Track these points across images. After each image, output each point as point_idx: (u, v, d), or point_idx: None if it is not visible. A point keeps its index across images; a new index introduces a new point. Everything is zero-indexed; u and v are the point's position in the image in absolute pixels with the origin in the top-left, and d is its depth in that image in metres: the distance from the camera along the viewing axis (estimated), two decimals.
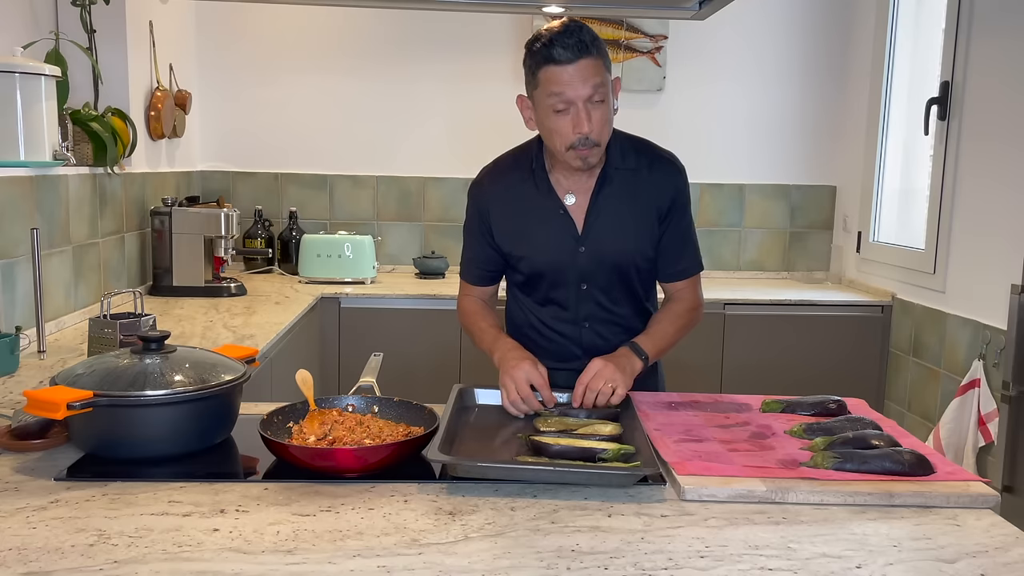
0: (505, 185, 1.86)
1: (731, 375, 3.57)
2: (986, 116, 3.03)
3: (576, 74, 1.64)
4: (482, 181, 1.91)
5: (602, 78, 1.67)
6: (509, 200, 1.85)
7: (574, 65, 1.63)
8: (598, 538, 1.16)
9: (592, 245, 1.81)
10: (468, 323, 1.94)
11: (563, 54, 1.63)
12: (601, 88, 1.66)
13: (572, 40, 1.63)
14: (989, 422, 2.82)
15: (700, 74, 4.05)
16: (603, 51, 1.68)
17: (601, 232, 1.81)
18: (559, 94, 1.66)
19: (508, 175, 1.87)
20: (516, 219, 1.85)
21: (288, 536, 1.14)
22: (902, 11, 3.66)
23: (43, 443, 1.45)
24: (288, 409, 1.53)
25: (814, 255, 4.20)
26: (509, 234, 1.86)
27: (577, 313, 1.88)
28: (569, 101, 1.66)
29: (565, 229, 1.82)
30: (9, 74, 2.08)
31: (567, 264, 1.83)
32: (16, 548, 1.09)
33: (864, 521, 1.24)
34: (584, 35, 1.65)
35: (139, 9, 3.20)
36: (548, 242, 1.83)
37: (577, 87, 1.65)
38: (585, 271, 1.83)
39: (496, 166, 1.92)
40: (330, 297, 3.48)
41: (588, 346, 1.88)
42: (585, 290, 1.85)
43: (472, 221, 1.92)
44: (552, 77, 1.66)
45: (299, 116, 4.01)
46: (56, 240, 2.57)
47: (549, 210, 1.82)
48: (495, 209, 1.86)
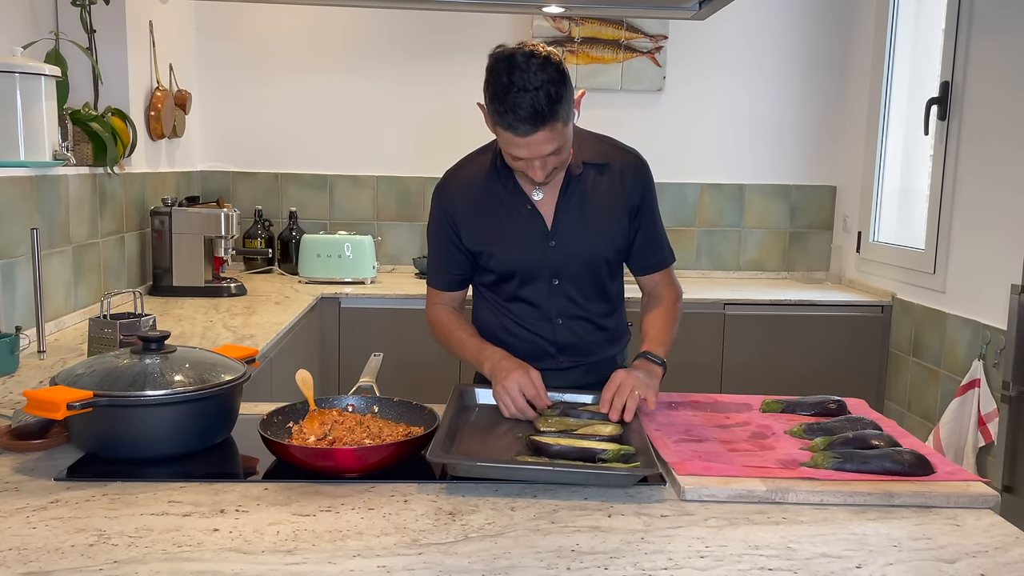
0: (470, 185, 1.84)
1: (731, 375, 3.57)
2: (986, 116, 3.03)
3: (532, 143, 1.60)
4: (446, 183, 1.88)
5: (559, 140, 1.62)
6: (476, 200, 1.83)
7: (530, 137, 1.59)
8: (598, 538, 1.16)
9: (562, 240, 1.81)
10: (443, 333, 1.90)
11: (519, 127, 1.58)
12: (559, 146, 1.63)
13: (527, 113, 1.55)
14: (989, 422, 2.82)
15: (700, 74, 4.05)
16: (563, 106, 1.58)
17: (571, 227, 1.80)
18: (515, 154, 1.64)
19: (473, 175, 1.85)
20: (484, 218, 1.83)
21: (288, 536, 1.14)
22: (902, 11, 3.66)
23: (43, 443, 1.45)
24: (288, 409, 1.53)
25: (814, 255, 4.20)
26: (477, 233, 1.83)
27: (550, 310, 1.86)
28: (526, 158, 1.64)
29: (534, 225, 1.81)
30: (9, 74, 2.08)
31: (538, 260, 1.82)
32: (16, 548, 1.09)
33: (864, 521, 1.24)
34: (540, 103, 1.54)
35: (139, 9, 3.20)
36: (518, 239, 1.81)
37: (533, 151, 1.62)
38: (557, 266, 1.83)
39: (460, 167, 1.89)
40: (330, 297, 3.48)
41: (562, 343, 1.87)
42: (557, 285, 1.84)
43: (437, 224, 1.88)
44: (507, 139, 1.62)
45: (299, 116, 4.01)
46: (56, 240, 2.57)
47: (517, 207, 1.81)
48: (462, 210, 1.84)
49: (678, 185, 4.09)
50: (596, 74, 3.94)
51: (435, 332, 1.93)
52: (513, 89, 1.55)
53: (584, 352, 1.89)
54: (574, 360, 1.89)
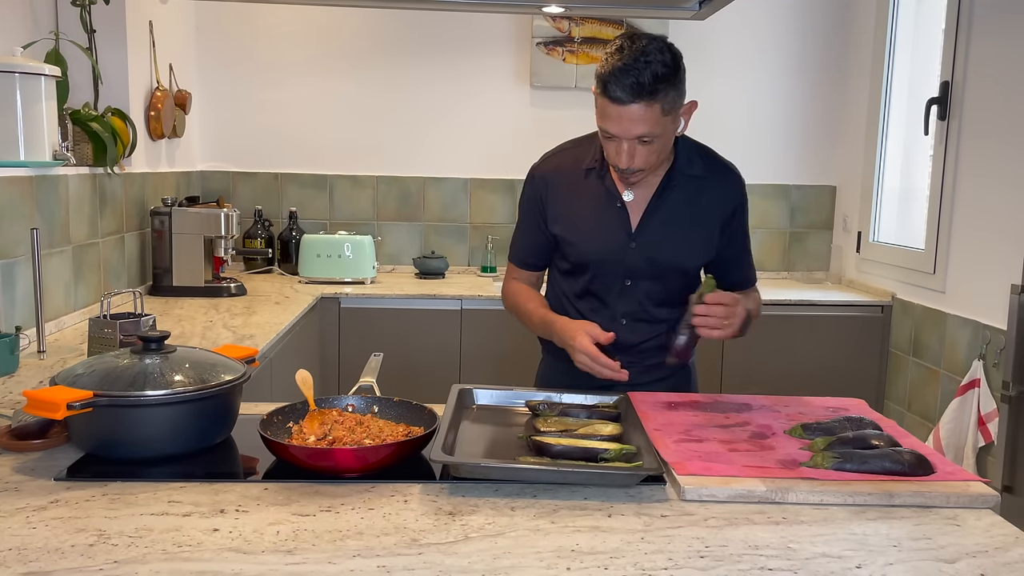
0: (565, 170, 1.85)
1: (731, 375, 3.57)
2: (986, 116, 3.03)
3: (625, 115, 1.61)
4: (542, 165, 1.90)
5: (653, 125, 1.62)
6: (567, 185, 1.84)
7: (625, 107, 1.60)
8: (598, 538, 1.16)
9: (644, 243, 1.81)
10: (514, 303, 1.95)
11: (615, 92, 1.59)
12: (651, 132, 1.63)
13: (629, 80, 1.58)
14: (989, 422, 2.82)
15: (700, 74, 4.02)
16: (666, 90, 1.60)
17: (656, 231, 1.80)
18: (606, 127, 1.66)
19: (570, 161, 1.86)
20: (571, 205, 1.84)
21: (288, 536, 1.14)
22: (902, 11, 3.66)
23: (43, 443, 1.45)
24: (288, 409, 1.53)
25: (814, 255, 4.20)
26: (562, 220, 1.85)
27: (616, 309, 1.86)
28: (616, 135, 1.65)
29: (619, 223, 1.81)
30: (9, 74, 2.08)
31: (616, 258, 1.82)
32: (16, 548, 1.09)
33: (864, 521, 1.24)
34: (644, 76, 1.57)
35: (139, 9, 3.20)
36: (600, 233, 1.82)
37: (624, 127, 1.63)
38: (633, 268, 1.83)
39: (559, 151, 1.91)
40: (330, 297, 3.48)
41: (620, 344, 1.82)
42: (629, 287, 1.85)
43: (527, 203, 1.91)
44: (603, 109, 1.64)
45: (299, 116, 4.01)
46: (56, 240, 2.57)
47: (606, 201, 1.81)
48: (552, 191, 1.85)
49: None
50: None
51: (507, 302, 1.97)
52: (624, 57, 1.58)
53: (640, 352, 1.87)
54: (630, 360, 1.82)
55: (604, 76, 1.61)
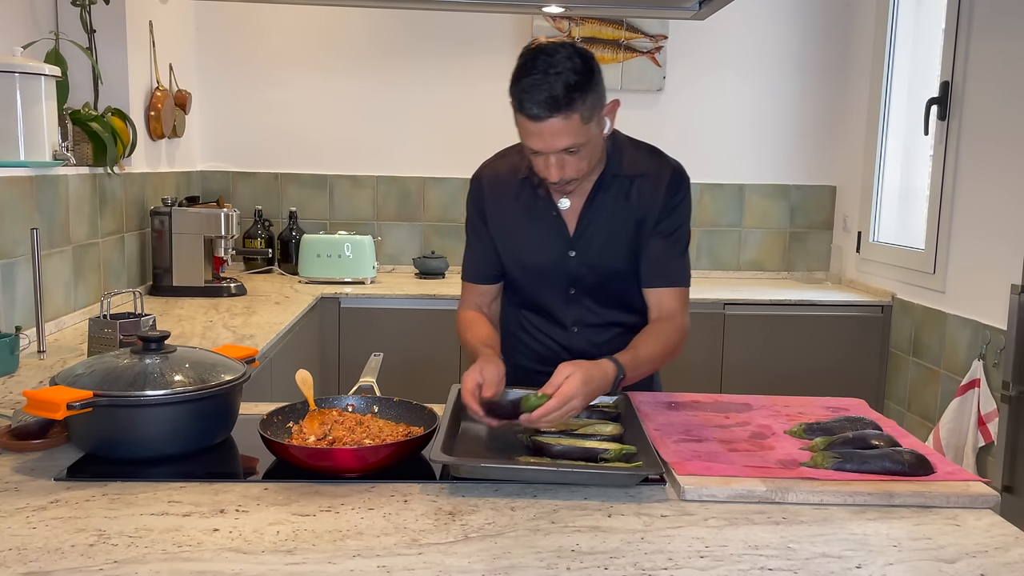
0: (501, 180, 1.82)
1: (731, 375, 3.57)
2: (986, 116, 3.03)
3: (545, 131, 1.55)
4: (480, 173, 1.87)
5: (576, 135, 1.56)
6: (504, 196, 1.81)
7: (543, 123, 1.54)
8: (598, 538, 1.16)
9: (583, 251, 1.76)
10: (461, 337, 1.83)
11: (531, 110, 1.53)
12: (575, 143, 1.57)
13: (542, 95, 1.51)
14: (989, 422, 2.82)
15: (700, 74, 4.05)
16: (582, 98, 1.53)
17: (593, 238, 1.76)
18: (529, 144, 1.60)
19: (505, 171, 1.82)
20: (509, 216, 1.80)
21: (288, 536, 1.14)
22: (902, 11, 3.66)
23: (43, 443, 1.45)
24: (288, 409, 1.53)
25: (814, 255, 4.20)
26: (500, 230, 1.82)
27: (565, 318, 1.83)
28: (540, 151, 1.59)
29: (557, 232, 1.77)
30: (9, 74, 2.08)
31: (556, 268, 1.78)
32: (16, 548, 1.09)
33: (864, 521, 1.24)
34: (557, 88, 1.51)
35: (139, 9, 3.20)
36: (538, 244, 1.78)
37: (547, 142, 1.57)
38: (575, 276, 1.79)
39: (496, 159, 1.87)
40: (330, 297, 3.48)
41: (577, 350, 1.83)
42: (574, 295, 1.81)
43: (470, 214, 1.88)
44: (522, 126, 1.59)
45: (299, 116, 4.01)
46: (56, 240, 2.57)
47: (542, 211, 1.77)
48: (490, 203, 1.82)
49: None
50: None
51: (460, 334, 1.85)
52: (533, 72, 1.53)
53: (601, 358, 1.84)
54: None
55: (517, 94, 1.55)
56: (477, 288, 1.90)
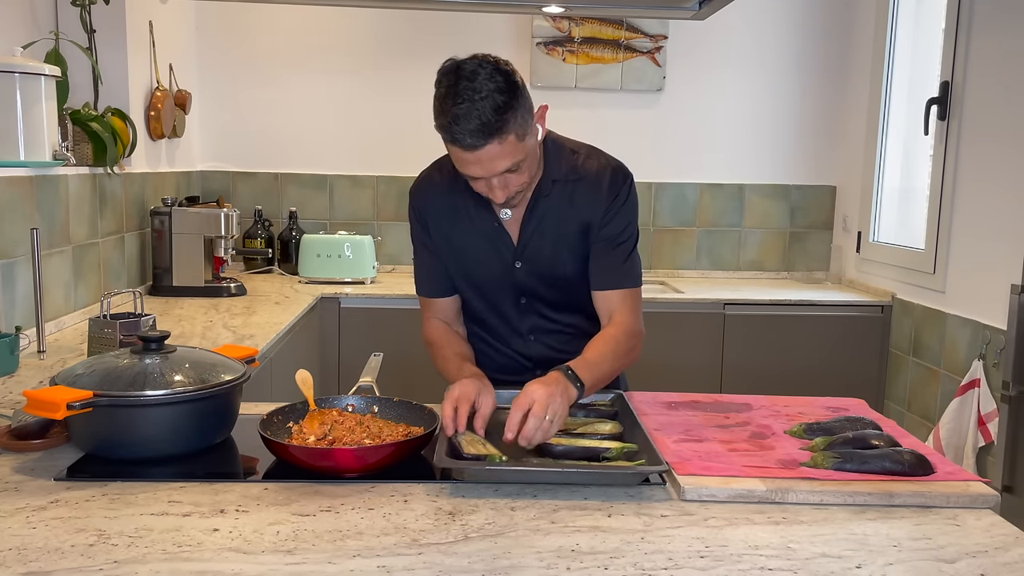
0: (441, 194, 1.75)
1: (731, 375, 3.57)
2: (986, 116, 3.03)
3: (483, 158, 1.50)
4: (418, 186, 1.80)
5: (513, 154, 1.51)
6: (445, 208, 1.75)
7: (480, 151, 1.49)
8: (598, 538, 1.16)
9: (529, 260, 1.72)
10: (432, 356, 1.79)
11: (465, 140, 1.47)
12: (515, 162, 1.53)
13: (472, 125, 1.45)
14: (989, 422, 2.82)
15: (700, 74, 4.05)
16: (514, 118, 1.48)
17: (538, 246, 1.71)
18: (470, 173, 1.55)
19: (444, 182, 1.75)
20: (451, 230, 1.75)
21: (288, 536, 1.14)
22: (902, 11, 3.66)
23: (43, 443, 1.45)
24: (288, 409, 1.53)
25: (814, 255, 4.19)
26: (444, 244, 1.77)
27: (520, 326, 1.80)
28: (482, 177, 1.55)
29: (501, 244, 1.72)
30: (9, 74, 2.08)
31: (504, 279, 1.75)
32: (16, 548, 1.09)
33: (864, 521, 1.24)
34: (487, 114, 1.44)
35: (139, 9, 3.20)
36: (483, 257, 1.74)
37: (487, 168, 1.52)
38: (523, 286, 1.75)
39: (432, 172, 1.80)
40: (330, 297, 3.48)
41: (537, 358, 1.81)
42: (525, 304, 1.78)
43: (414, 228, 1.81)
44: (458, 156, 1.53)
45: (299, 116, 4.01)
46: (56, 240, 2.57)
47: (484, 223, 1.72)
48: (432, 218, 1.77)
49: (678, 185, 4.09)
50: (596, 74, 3.94)
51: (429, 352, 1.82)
52: (457, 100, 1.45)
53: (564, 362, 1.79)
54: None
55: (447, 127, 1.48)
56: (435, 303, 1.85)
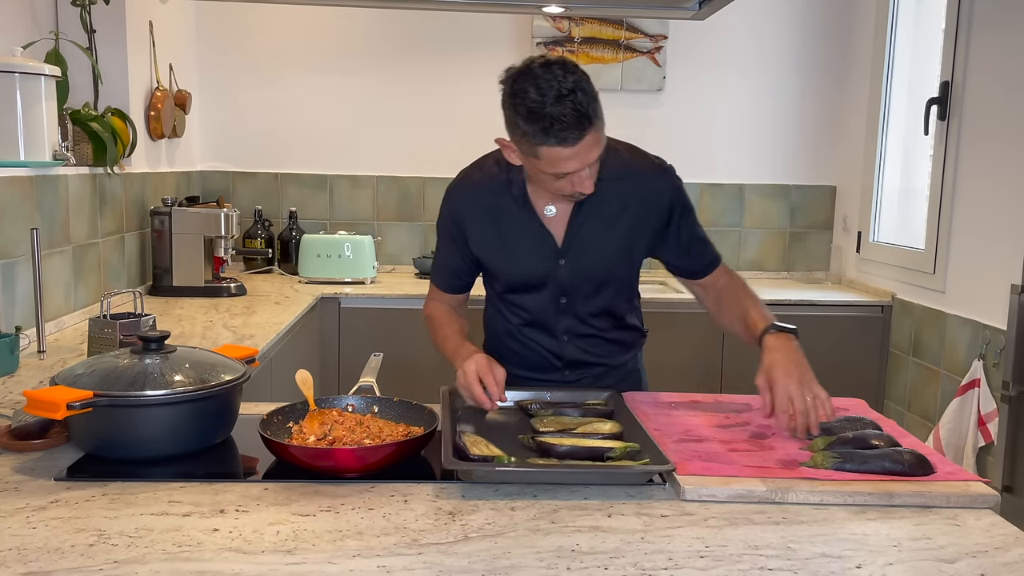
0: (481, 194, 1.76)
1: (731, 375, 3.57)
2: (986, 116, 3.03)
3: (582, 150, 1.51)
4: (458, 186, 1.81)
5: (601, 143, 1.55)
6: (485, 210, 1.75)
7: (580, 144, 1.50)
8: (598, 538, 1.16)
9: (573, 259, 1.74)
10: (432, 329, 1.84)
11: (569, 136, 1.48)
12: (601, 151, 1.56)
13: (573, 117, 1.46)
14: (989, 422, 2.82)
15: (700, 74, 4.05)
16: (598, 103, 1.52)
17: (583, 245, 1.73)
18: (562, 170, 1.55)
19: (484, 183, 1.76)
20: (493, 230, 1.76)
21: (288, 536, 1.14)
22: (902, 11, 3.66)
23: (43, 443, 1.45)
24: (288, 409, 1.53)
25: (814, 255, 4.20)
26: (484, 244, 1.77)
27: (556, 327, 1.81)
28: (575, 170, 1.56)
29: (544, 242, 1.74)
30: (9, 74, 2.08)
31: (546, 278, 1.76)
32: (16, 548, 1.09)
33: (864, 521, 1.24)
34: (581, 101, 1.47)
35: (139, 9, 3.20)
36: (526, 255, 1.75)
37: (583, 159, 1.53)
38: (565, 285, 1.77)
39: (472, 172, 1.81)
40: (330, 297, 3.48)
41: (569, 359, 1.83)
42: (564, 304, 1.79)
43: (445, 226, 1.82)
44: (556, 157, 1.52)
45: (299, 116, 4.01)
46: (56, 240, 2.57)
47: (527, 222, 1.73)
48: (470, 218, 1.77)
49: None
50: (596, 74, 3.93)
51: (428, 326, 1.88)
52: (549, 101, 1.46)
53: (592, 365, 1.85)
54: (581, 373, 1.85)
55: (544, 130, 1.48)
56: (439, 293, 1.89)
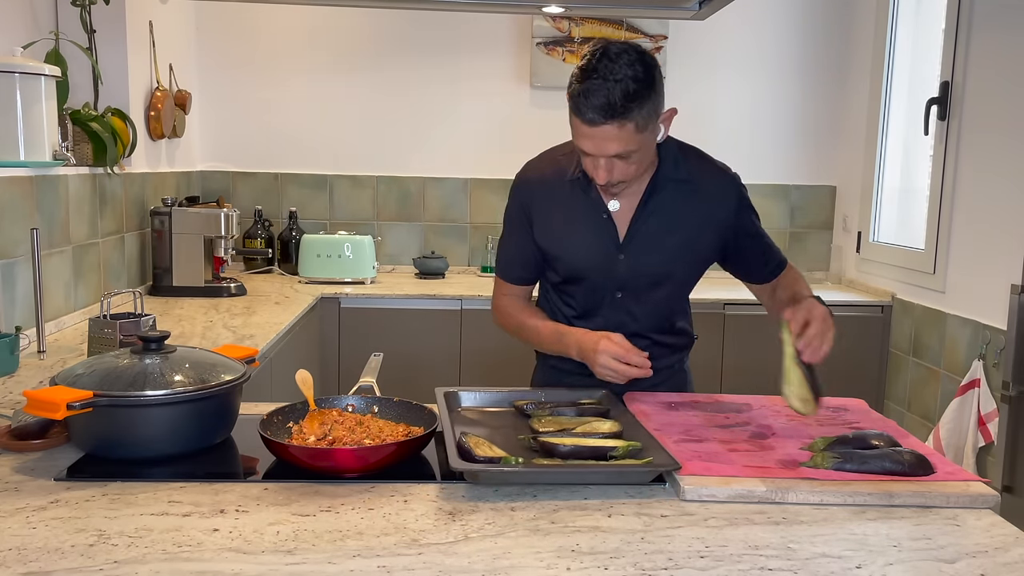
0: (551, 180, 1.79)
1: (731, 375, 3.57)
2: (986, 116, 3.03)
3: (598, 135, 1.55)
4: (526, 174, 1.84)
5: (628, 143, 1.56)
6: (551, 195, 1.78)
7: (597, 128, 1.54)
8: (598, 538, 1.16)
9: (633, 254, 1.75)
10: (515, 323, 1.86)
11: (586, 114, 1.53)
12: (626, 150, 1.57)
13: (599, 101, 1.51)
14: (989, 422, 2.82)
15: (699, 74, 4.05)
16: (639, 107, 1.53)
17: (644, 241, 1.75)
18: (581, 146, 1.60)
19: (553, 171, 1.79)
20: (557, 218, 1.78)
21: (288, 536, 1.14)
22: (902, 11, 3.66)
23: (43, 443, 1.45)
24: (288, 409, 1.53)
25: (814, 255, 4.19)
26: (548, 232, 1.79)
27: (607, 321, 1.81)
28: (591, 154, 1.60)
29: (607, 235, 1.75)
30: (9, 74, 2.08)
31: (605, 271, 1.77)
32: (16, 548, 1.09)
33: (864, 521, 1.24)
34: (614, 95, 1.50)
35: (139, 9, 3.20)
36: (588, 246, 1.77)
37: (598, 146, 1.57)
38: (622, 280, 1.78)
39: (541, 160, 1.84)
40: (330, 297, 3.48)
41: None
42: (620, 299, 1.80)
43: (513, 214, 1.84)
44: (576, 128, 1.59)
45: (299, 116, 4.01)
46: (56, 240, 2.57)
47: (592, 213, 1.75)
48: (537, 204, 1.80)
49: None
50: None
51: (501, 319, 1.89)
52: (593, 75, 1.51)
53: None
54: None
55: (574, 96, 1.54)
56: (507, 287, 1.91)
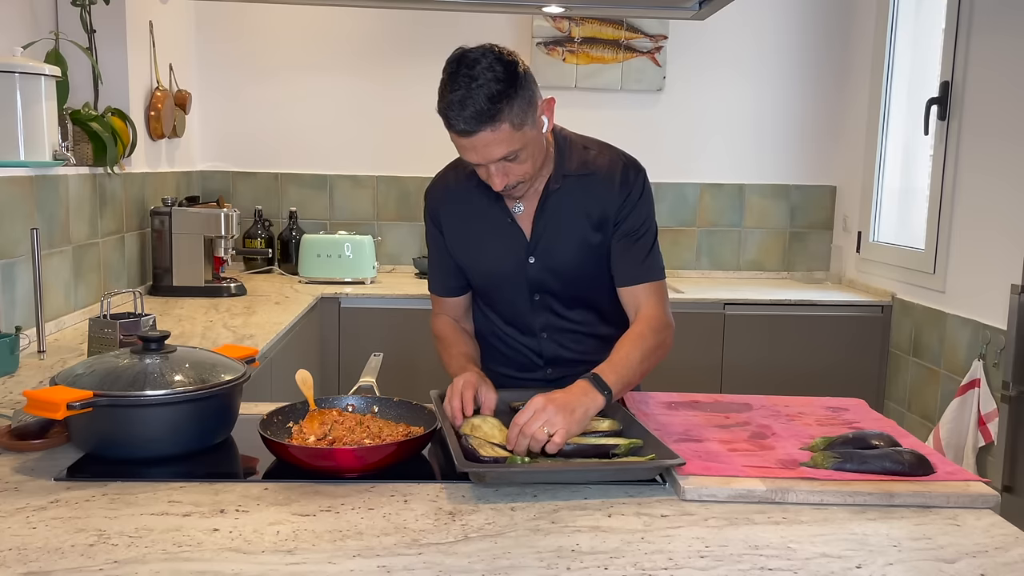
0: (456, 190, 1.77)
1: (731, 375, 3.57)
2: (986, 116, 3.03)
3: (478, 144, 1.52)
4: (434, 185, 1.83)
5: (509, 143, 1.52)
6: (459, 206, 1.77)
7: (473, 137, 1.51)
8: (598, 538, 1.16)
9: (542, 255, 1.73)
10: (439, 350, 1.83)
11: (459, 126, 1.50)
12: (511, 151, 1.54)
13: (467, 112, 1.47)
14: (989, 422, 2.82)
15: (700, 74, 4.05)
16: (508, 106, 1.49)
17: (551, 241, 1.72)
18: (466, 158, 1.57)
19: (458, 181, 1.77)
20: (465, 228, 1.77)
21: (288, 536, 1.14)
22: (902, 11, 3.66)
23: (43, 443, 1.45)
24: (288, 409, 1.53)
25: (814, 255, 4.20)
26: (458, 242, 1.78)
27: (532, 324, 1.80)
28: (478, 163, 1.57)
29: (514, 239, 1.73)
30: (9, 74, 2.08)
31: (518, 275, 1.75)
32: (16, 548, 1.09)
33: (864, 521, 1.24)
34: (479, 101, 1.47)
35: (139, 9, 3.20)
36: (497, 253, 1.75)
37: (482, 155, 1.54)
38: (536, 282, 1.75)
39: (449, 169, 1.82)
40: (330, 297, 3.48)
41: (549, 356, 1.82)
42: (539, 300, 1.78)
43: (428, 227, 1.84)
44: (456, 141, 1.55)
45: (299, 116, 4.01)
46: (56, 240, 2.57)
47: (497, 219, 1.73)
48: (445, 216, 1.79)
49: (678, 185, 4.09)
50: (596, 74, 3.94)
51: (436, 346, 1.86)
52: (455, 86, 1.49)
53: (575, 362, 1.80)
54: (563, 371, 1.81)
55: (443, 111, 1.51)
56: (445, 301, 1.88)
